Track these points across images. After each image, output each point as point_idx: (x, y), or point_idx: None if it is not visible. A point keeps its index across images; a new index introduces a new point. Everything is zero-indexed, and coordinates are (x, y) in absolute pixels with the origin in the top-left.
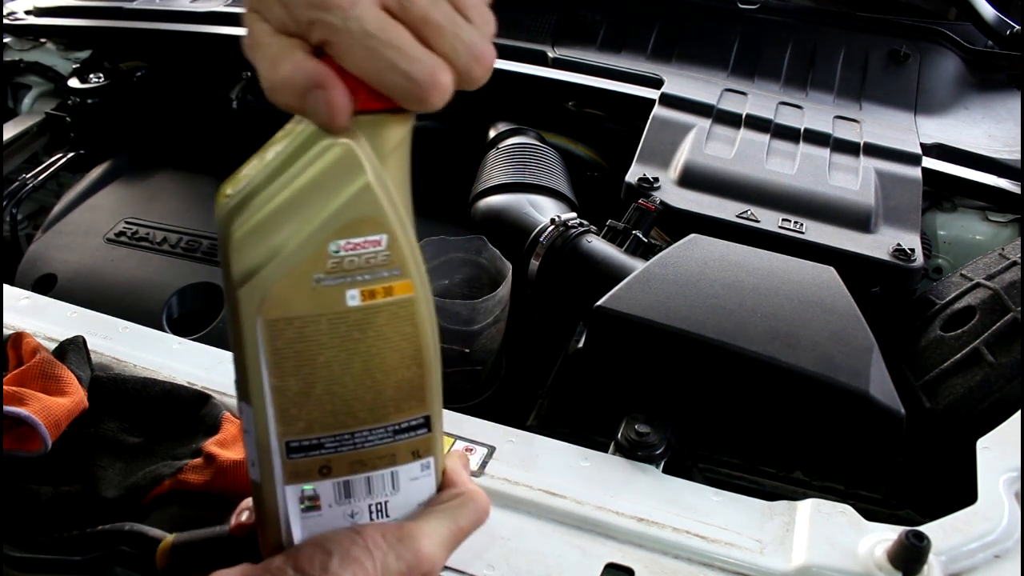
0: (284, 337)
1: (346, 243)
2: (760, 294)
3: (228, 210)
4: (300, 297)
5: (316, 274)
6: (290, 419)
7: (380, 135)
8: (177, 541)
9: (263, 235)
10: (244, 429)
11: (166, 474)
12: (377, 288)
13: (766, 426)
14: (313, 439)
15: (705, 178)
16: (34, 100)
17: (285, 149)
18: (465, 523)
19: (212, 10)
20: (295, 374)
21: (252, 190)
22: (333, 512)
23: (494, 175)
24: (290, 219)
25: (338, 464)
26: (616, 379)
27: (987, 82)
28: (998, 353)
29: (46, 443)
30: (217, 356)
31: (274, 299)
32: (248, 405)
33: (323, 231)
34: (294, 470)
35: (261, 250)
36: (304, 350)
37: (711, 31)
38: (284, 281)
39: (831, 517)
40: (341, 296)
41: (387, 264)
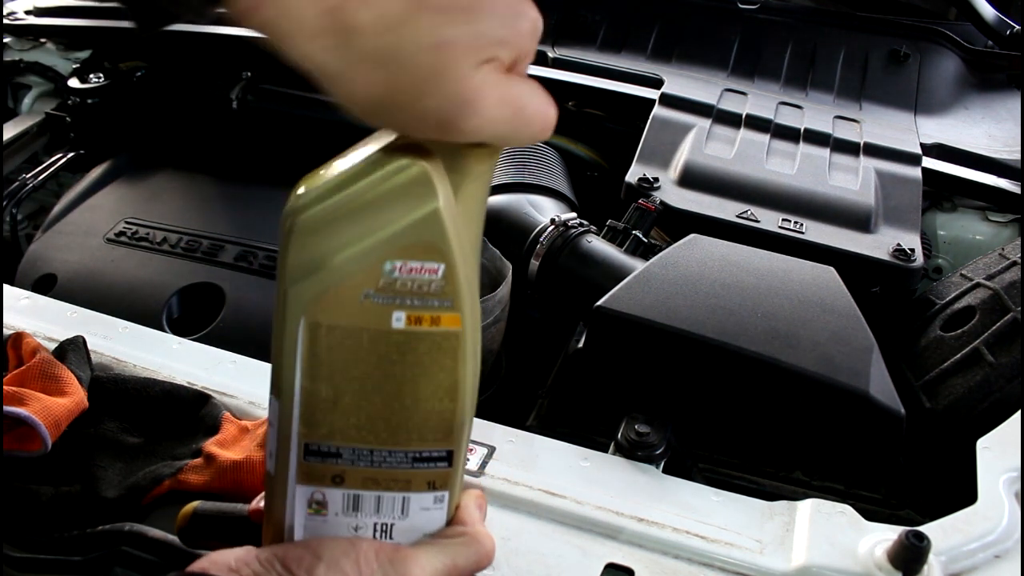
0: (323, 343)
1: (402, 264)
2: (760, 294)
3: (296, 207)
4: (346, 307)
5: (366, 288)
6: (314, 423)
7: (461, 163)
8: (199, 509)
9: (322, 238)
10: (268, 420)
11: (166, 474)
12: (424, 315)
13: (766, 426)
14: (332, 447)
15: (705, 178)
16: (34, 100)
17: (365, 158)
18: (463, 562)
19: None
20: (327, 380)
21: (323, 193)
22: (338, 521)
23: (494, 175)
24: (351, 228)
25: (351, 476)
26: (616, 379)
27: (987, 82)
28: (998, 353)
29: (46, 443)
30: (217, 356)
31: (321, 304)
32: (276, 399)
33: (381, 248)
34: (308, 472)
35: (317, 252)
36: (340, 360)
37: (711, 31)
38: (334, 289)
39: (831, 517)
40: (387, 316)
41: (439, 294)
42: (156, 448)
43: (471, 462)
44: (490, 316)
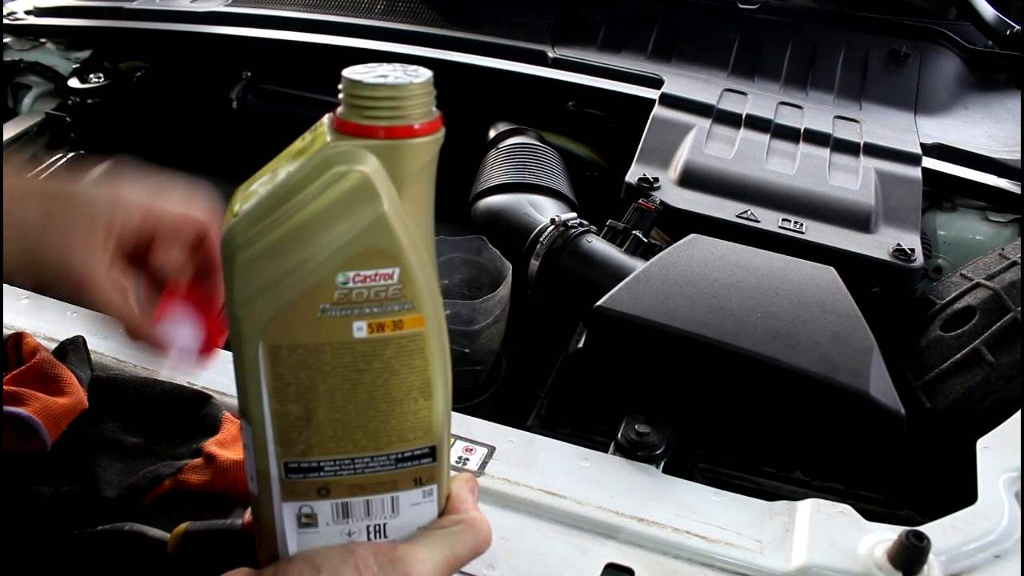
0: (286, 363)
1: (355, 275)
2: (760, 294)
3: (234, 229)
4: (304, 325)
5: (322, 304)
6: (289, 442)
7: (401, 160)
8: (190, 529)
9: (268, 260)
10: (244, 444)
11: (166, 474)
12: (386, 321)
13: (766, 426)
14: (312, 462)
15: (705, 178)
16: (34, 100)
17: (299, 169)
18: (461, 551)
19: (212, 10)
20: (296, 400)
21: (261, 211)
22: (330, 530)
23: (494, 175)
24: (297, 246)
25: (337, 487)
26: (616, 379)
27: (987, 82)
28: (998, 353)
29: (46, 443)
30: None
31: (277, 325)
32: (248, 424)
33: (330, 262)
34: (292, 489)
35: (266, 275)
36: (306, 377)
37: (711, 31)
38: (288, 309)
39: (831, 517)
40: (347, 327)
41: (398, 298)
42: (156, 448)
43: (471, 462)
44: (490, 316)
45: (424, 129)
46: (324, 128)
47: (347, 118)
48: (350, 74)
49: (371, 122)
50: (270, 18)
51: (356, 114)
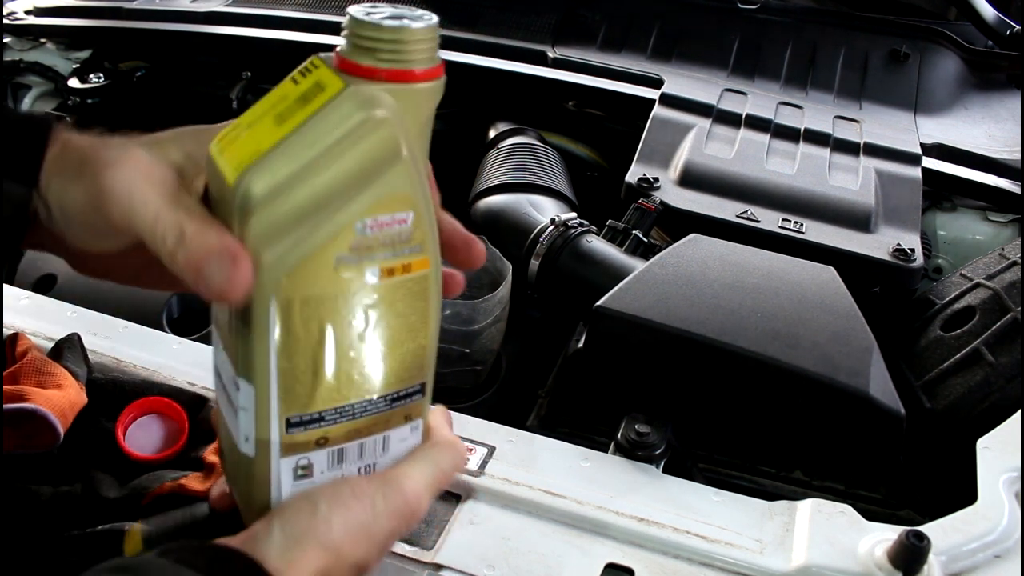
0: (297, 317)
1: (373, 221)
2: (760, 294)
3: (250, 182)
4: (318, 276)
5: (338, 253)
6: (294, 397)
7: (418, 104)
8: (150, 534)
9: (289, 214)
10: (238, 405)
11: (168, 478)
12: (396, 265)
13: (766, 426)
14: (314, 414)
15: (705, 178)
16: (34, 100)
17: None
18: (446, 466)
19: (212, 10)
20: (304, 353)
21: (280, 162)
22: (324, 477)
23: (494, 175)
24: (321, 198)
25: (335, 434)
26: (616, 379)
27: (987, 82)
28: (998, 353)
29: (58, 434)
30: None
31: (290, 279)
32: (249, 383)
33: (352, 210)
34: (291, 443)
35: (285, 230)
36: (316, 329)
37: (711, 31)
38: (306, 261)
39: (831, 517)
40: (360, 274)
41: (409, 242)
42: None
43: (471, 462)
44: (490, 316)
45: (436, 71)
46: (327, 71)
47: (362, 60)
48: (367, 16)
49: (391, 65)
50: (270, 18)
51: (371, 57)
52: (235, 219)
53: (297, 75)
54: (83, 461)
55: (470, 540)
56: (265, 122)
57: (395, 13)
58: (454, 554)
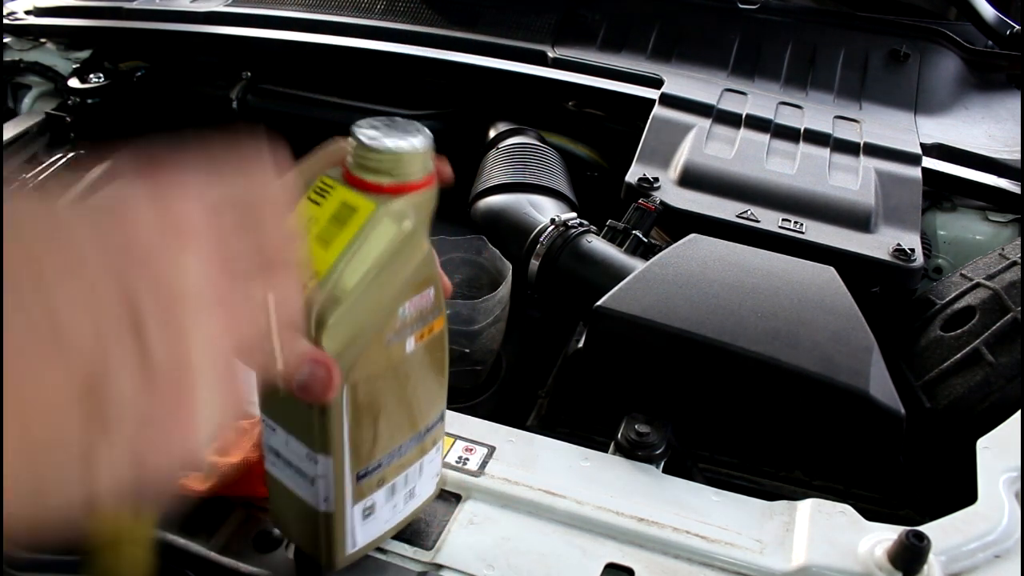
0: (362, 394)
1: (409, 304)
2: (760, 294)
3: (320, 301)
4: (376, 358)
5: (387, 336)
6: (361, 455)
7: (428, 204)
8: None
9: (351, 319)
10: (316, 475)
11: None
12: (424, 330)
13: (766, 426)
14: (375, 462)
15: (705, 178)
16: (34, 100)
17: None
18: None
19: (212, 10)
20: (367, 420)
21: (338, 279)
22: (383, 510)
23: (494, 175)
24: (374, 299)
25: (389, 473)
26: (616, 379)
27: (987, 82)
28: (998, 353)
29: None
30: None
31: (356, 367)
32: (328, 455)
33: (396, 301)
34: (360, 492)
35: (350, 332)
36: (375, 400)
37: (711, 31)
38: (366, 351)
39: (831, 517)
40: (402, 346)
41: (433, 309)
42: None
43: (471, 462)
44: (490, 316)
45: (432, 176)
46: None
47: (380, 180)
48: (374, 142)
49: (403, 180)
50: (270, 18)
51: (387, 176)
52: (308, 338)
53: (315, 196)
54: None
55: (470, 540)
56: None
57: (393, 127)
58: (454, 554)
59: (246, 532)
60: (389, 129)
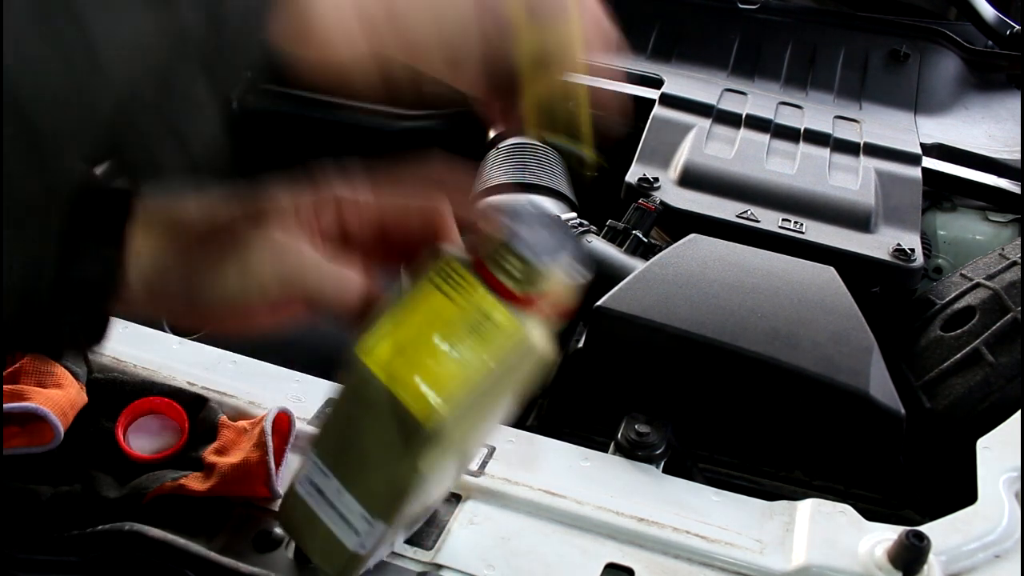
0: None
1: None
2: (760, 294)
3: (439, 426)
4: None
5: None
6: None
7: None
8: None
9: (462, 431)
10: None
11: (167, 478)
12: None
13: (766, 426)
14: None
15: (705, 178)
16: None
17: (497, 350)
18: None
19: None
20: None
21: (469, 394)
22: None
23: (494, 175)
24: (487, 412)
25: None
26: (616, 379)
27: (987, 82)
28: (998, 353)
29: (58, 433)
30: (217, 356)
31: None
32: (385, 524)
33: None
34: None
35: (455, 444)
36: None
37: (711, 31)
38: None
39: (831, 517)
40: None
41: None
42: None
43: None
44: None
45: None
46: (484, 294)
47: (522, 289)
48: (528, 253)
49: (543, 293)
50: None
51: (530, 286)
52: (417, 445)
53: (443, 284)
54: (83, 461)
55: (470, 540)
56: (434, 348)
57: (533, 220)
58: (454, 554)
59: (246, 532)
60: (530, 221)
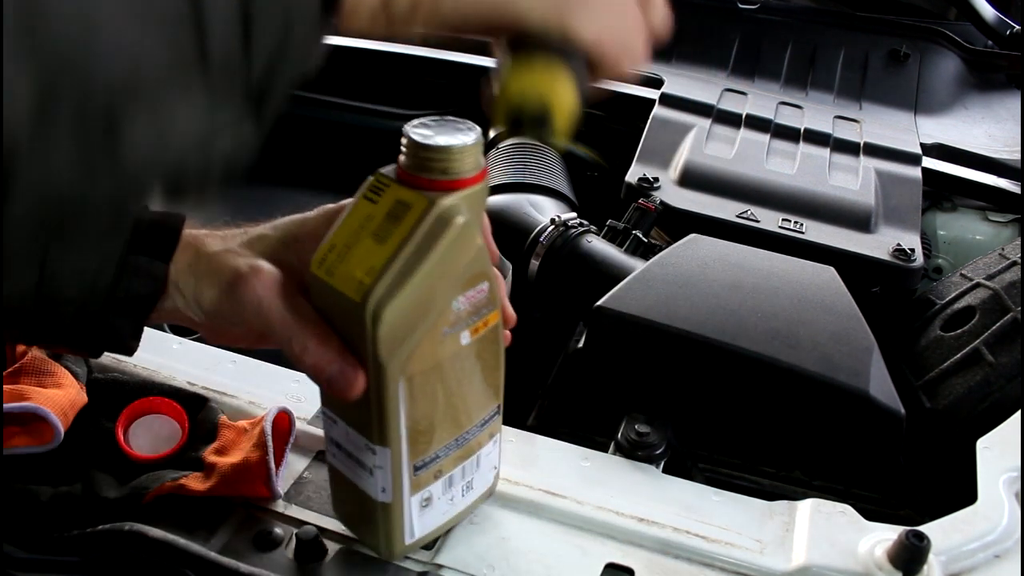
0: (418, 387)
1: (464, 298)
2: (760, 294)
3: (374, 295)
4: (430, 351)
5: (443, 328)
6: (418, 447)
7: (480, 199)
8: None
9: (406, 312)
10: (374, 466)
11: (168, 478)
12: (479, 324)
13: (766, 426)
14: (432, 455)
15: (705, 178)
16: None
17: (419, 230)
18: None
19: None
20: (425, 413)
21: (392, 274)
22: (440, 502)
23: (494, 175)
24: (427, 293)
25: (447, 465)
26: (616, 379)
27: (987, 82)
28: (998, 353)
29: (58, 433)
30: (217, 356)
31: (412, 360)
32: (385, 447)
33: (450, 295)
34: (417, 483)
35: (405, 324)
36: (431, 391)
37: (711, 31)
38: (420, 344)
39: (831, 517)
40: (457, 339)
41: (488, 304)
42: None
43: None
44: None
45: (485, 171)
46: (400, 188)
47: (432, 176)
48: (427, 139)
49: (455, 176)
50: None
51: (439, 172)
52: (366, 331)
53: (370, 194)
54: (83, 461)
55: (470, 540)
56: (365, 242)
57: (444, 125)
58: (454, 554)
59: (246, 532)
60: (440, 127)
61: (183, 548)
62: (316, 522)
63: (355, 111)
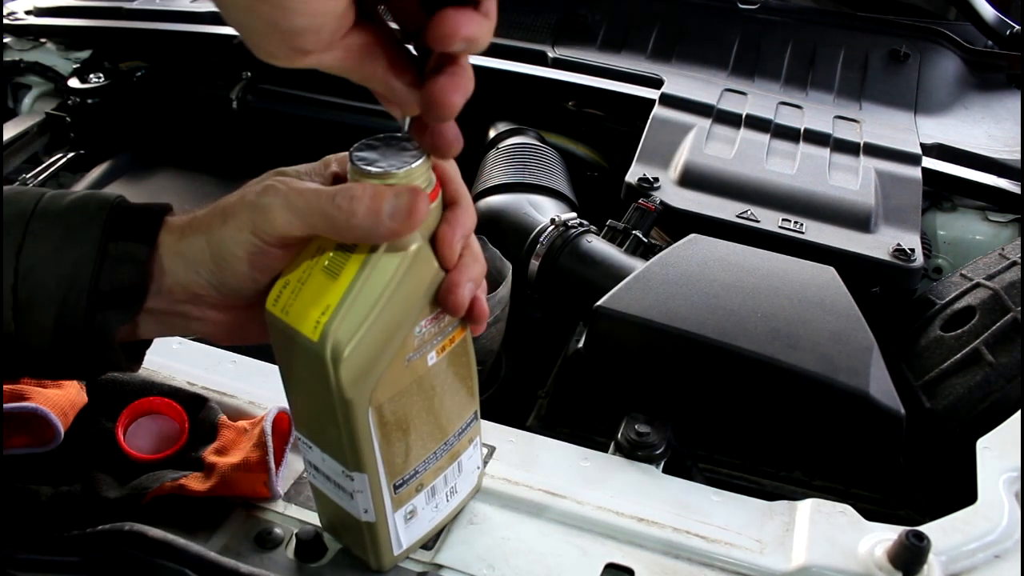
0: (388, 413)
1: (425, 322)
2: (760, 294)
3: (335, 332)
4: (398, 377)
5: (408, 355)
6: (395, 468)
7: (433, 220)
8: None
9: (367, 348)
10: (355, 489)
11: (168, 478)
12: (445, 342)
13: (766, 426)
14: (411, 471)
15: (705, 178)
16: (34, 100)
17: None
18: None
19: (212, 10)
20: (398, 436)
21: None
22: (425, 511)
23: (494, 175)
24: (388, 324)
25: (428, 477)
26: (616, 379)
27: (987, 82)
28: (998, 353)
29: (59, 433)
30: (217, 356)
31: (378, 390)
32: (362, 473)
33: (411, 323)
34: (399, 499)
35: (367, 360)
36: (403, 415)
37: (711, 31)
38: (385, 374)
39: (831, 517)
40: (424, 361)
41: (451, 321)
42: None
43: None
44: (490, 316)
45: (437, 190)
46: None
47: None
48: (372, 167)
49: None
50: None
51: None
52: (327, 370)
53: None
54: (83, 461)
55: (470, 540)
56: (317, 277)
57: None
58: (454, 554)
59: (246, 532)
60: (385, 148)
61: (183, 548)
62: (316, 522)
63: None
